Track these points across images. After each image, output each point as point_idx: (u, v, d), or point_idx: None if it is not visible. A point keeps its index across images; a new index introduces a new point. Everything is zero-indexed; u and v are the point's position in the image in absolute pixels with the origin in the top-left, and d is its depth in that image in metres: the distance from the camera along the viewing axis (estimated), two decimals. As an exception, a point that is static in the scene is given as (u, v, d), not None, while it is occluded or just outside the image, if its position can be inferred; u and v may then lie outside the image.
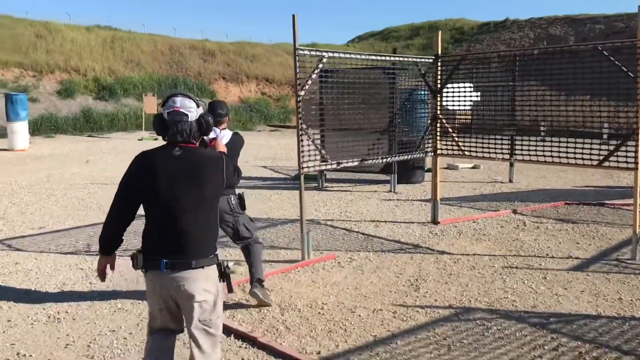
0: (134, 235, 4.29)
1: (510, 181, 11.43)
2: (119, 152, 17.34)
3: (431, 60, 7.64)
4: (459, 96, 7.62)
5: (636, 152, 5.84)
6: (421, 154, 7.85)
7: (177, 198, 2.77)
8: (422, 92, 8.73)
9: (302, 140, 6.04)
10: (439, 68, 7.60)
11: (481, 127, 8.34)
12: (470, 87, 8.10)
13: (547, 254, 6.28)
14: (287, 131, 26.71)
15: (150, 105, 21.92)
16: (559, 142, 6.40)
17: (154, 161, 2.84)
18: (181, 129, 2.84)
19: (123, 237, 2.99)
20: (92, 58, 28.31)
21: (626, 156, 5.93)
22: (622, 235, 7.07)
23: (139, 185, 2.84)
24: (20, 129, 17.49)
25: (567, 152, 6.36)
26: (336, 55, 6.44)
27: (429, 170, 10.71)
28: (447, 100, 7.94)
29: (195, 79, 31.10)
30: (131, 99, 27.47)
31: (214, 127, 4.51)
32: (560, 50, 6.55)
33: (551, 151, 6.49)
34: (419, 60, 7.70)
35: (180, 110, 2.86)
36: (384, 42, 46.38)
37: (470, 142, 7.52)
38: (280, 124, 30.31)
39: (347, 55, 6.51)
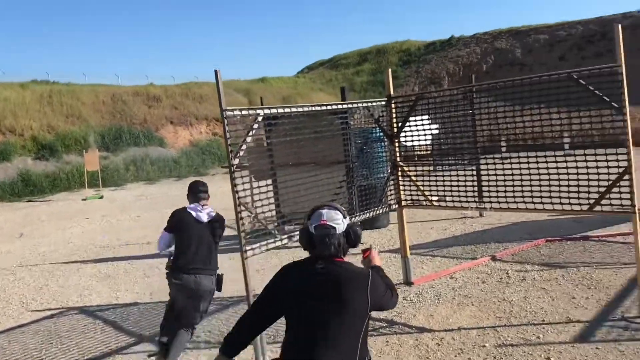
0: None
1: (481, 215, 10.62)
2: (60, 217, 15.96)
3: (384, 103, 6.76)
4: (417, 132, 6.75)
5: (631, 193, 5.02)
6: (384, 209, 6.90)
7: (320, 320, 2.54)
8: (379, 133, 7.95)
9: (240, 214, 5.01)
10: (393, 110, 6.72)
11: (443, 160, 7.72)
12: (427, 120, 7.28)
13: (543, 320, 5.36)
14: (244, 171, 25.59)
15: (92, 161, 20.58)
16: (547, 185, 5.54)
17: (298, 274, 2.70)
18: (329, 243, 2.67)
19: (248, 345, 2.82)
20: (29, 116, 26.69)
21: (620, 198, 5.11)
22: (618, 280, 6.23)
23: (278, 300, 2.70)
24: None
25: (550, 197, 5.52)
26: (273, 110, 5.46)
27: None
28: (405, 137, 7.13)
29: (141, 127, 29.77)
30: (73, 154, 25.90)
31: (195, 203, 5.11)
32: (529, 80, 5.74)
33: (524, 195, 5.63)
34: (370, 104, 6.80)
35: (328, 223, 2.70)
36: (333, 70, 46.14)
37: (437, 187, 6.62)
38: (241, 165, 29.15)
39: (287, 110, 5.55)
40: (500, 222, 9.98)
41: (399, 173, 6.78)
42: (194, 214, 5.10)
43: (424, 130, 6.83)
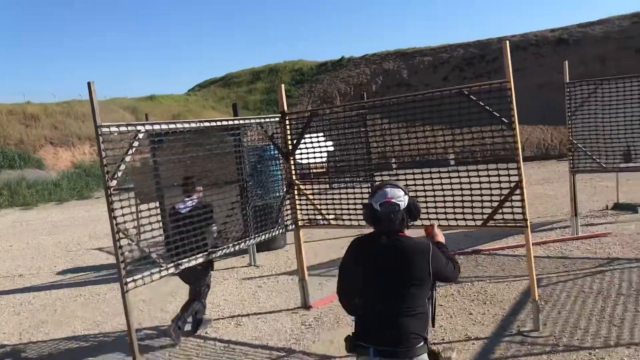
0: None
1: (377, 232, 10.60)
2: None
3: (277, 119, 6.48)
4: (313, 149, 6.55)
5: (523, 207, 5.08)
6: (281, 230, 6.58)
7: (386, 290, 2.80)
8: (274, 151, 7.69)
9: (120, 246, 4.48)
10: (288, 127, 6.47)
11: (339, 178, 7.62)
12: (322, 137, 7.11)
13: (444, 338, 5.27)
14: (125, 193, 24.27)
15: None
16: (442, 200, 5.50)
17: (364, 250, 2.92)
18: (394, 218, 2.86)
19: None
20: None
21: (513, 212, 5.15)
22: (511, 293, 6.33)
23: (353, 270, 2.95)
24: None
25: (445, 213, 5.48)
26: (156, 127, 5.00)
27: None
28: (300, 155, 6.92)
29: (17, 148, 27.47)
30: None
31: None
32: (421, 97, 5.73)
33: (430, 211, 5.57)
34: (263, 120, 6.49)
35: (392, 200, 2.89)
36: (225, 88, 45.50)
37: (334, 205, 6.43)
38: (120, 187, 27.62)
39: (172, 126, 5.10)
40: (395, 239, 9.99)
41: (295, 192, 6.51)
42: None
43: (320, 147, 6.65)
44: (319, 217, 6.44)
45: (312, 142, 6.56)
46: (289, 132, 6.47)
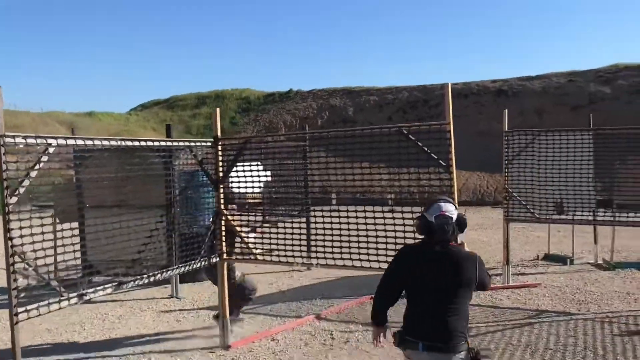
0: None
1: (309, 269, 10.27)
2: None
3: (209, 144, 6.14)
4: (245, 179, 6.23)
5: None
6: (203, 261, 6.16)
7: (438, 290, 3.17)
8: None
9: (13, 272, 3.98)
10: (220, 153, 6.13)
11: (273, 210, 7.39)
12: (258, 167, 6.81)
13: (366, 388, 4.97)
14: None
15: None
16: (374, 242, 5.26)
17: (418, 256, 3.30)
18: (447, 230, 3.24)
19: (389, 315, 3.46)
20: None
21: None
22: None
23: (403, 274, 3.31)
24: None
25: (377, 254, 5.25)
26: (70, 142, 4.55)
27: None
28: (234, 184, 6.59)
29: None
30: None
31: None
32: (360, 132, 5.57)
33: (351, 252, 5.31)
34: (193, 144, 6.12)
35: (446, 214, 3.26)
36: (169, 111, 44.60)
37: (263, 239, 6.09)
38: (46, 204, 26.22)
39: (89, 142, 4.66)
40: (327, 277, 9.69)
41: (222, 222, 6.14)
42: None
43: (256, 177, 6.33)
44: (246, 250, 6.08)
45: (249, 171, 6.25)
46: (220, 158, 6.13)
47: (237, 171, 6.42)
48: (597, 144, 8.79)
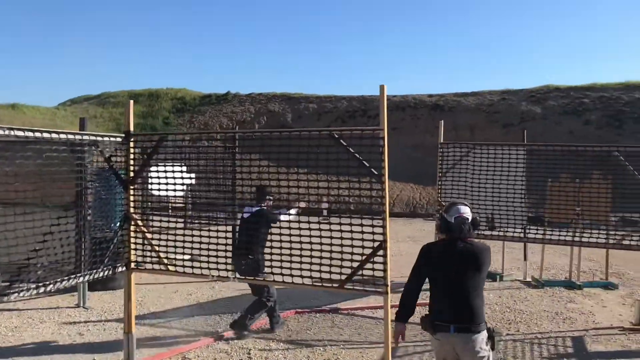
0: None
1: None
2: None
3: (120, 140, 5.51)
4: (166, 181, 5.63)
5: (385, 270, 4.52)
6: (107, 270, 5.49)
7: (463, 279, 3.73)
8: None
9: None
10: (132, 150, 5.51)
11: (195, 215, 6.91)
12: (181, 169, 6.22)
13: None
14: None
15: None
16: (297, 255, 4.79)
17: (441, 252, 3.85)
18: (464, 228, 3.79)
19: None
20: None
21: (373, 275, 4.57)
22: (365, 362, 5.72)
23: (430, 268, 3.86)
24: None
25: (301, 269, 4.79)
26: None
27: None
28: (152, 185, 6.01)
29: None
30: None
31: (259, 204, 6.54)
32: (288, 135, 5.10)
33: (273, 265, 4.84)
34: (101, 139, 5.47)
35: (463, 215, 3.83)
36: (100, 107, 42.80)
37: (184, 246, 5.50)
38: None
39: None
40: (247, 287, 9.12)
41: (132, 227, 5.51)
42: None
43: (178, 179, 5.75)
44: (156, 259, 5.47)
45: (170, 172, 5.67)
46: (132, 156, 5.50)
47: (157, 171, 5.84)
48: (530, 160, 8.72)
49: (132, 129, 5.57)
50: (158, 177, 5.77)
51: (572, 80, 72.86)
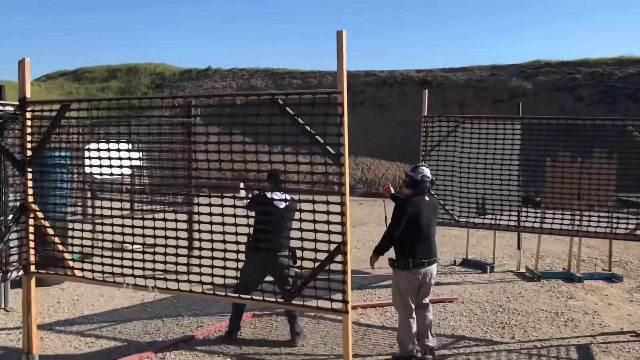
0: None
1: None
2: None
3: (12, 109, 4.31)
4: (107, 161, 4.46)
5: (344, 282, 3.40)
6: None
7: (430, 224, 5.05)
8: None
9: None
10: (29, 123, 4.31)
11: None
12: (125, 147, 5.07)
13: None
14: None
15: None
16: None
17: (417, 204, 5.01)
18: (428, 186, 5.11)
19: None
20: None
21: (329, 288, 3.46)
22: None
23: (408, 217, 4.93)
24: None
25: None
26: None
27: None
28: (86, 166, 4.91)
29: None
30: None
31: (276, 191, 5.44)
32: (231, 99, 3.96)
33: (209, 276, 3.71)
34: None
35: (427, 174, 5.11)
36: (75, 82, 41.18)
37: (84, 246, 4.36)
38: None
39: None
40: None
41: (30, 221, 4.34)
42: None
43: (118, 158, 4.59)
44: (60, 263, 4.31)
45: (108, 151, 4.50)
46: (29, 130, 4.31)
47: (95, 149, 4.68)
48: (525, 136, 7.62)
49: (29, 94, 4.35)
50: (99, 157, 4.60)
51: (564, 55, 71.81)
